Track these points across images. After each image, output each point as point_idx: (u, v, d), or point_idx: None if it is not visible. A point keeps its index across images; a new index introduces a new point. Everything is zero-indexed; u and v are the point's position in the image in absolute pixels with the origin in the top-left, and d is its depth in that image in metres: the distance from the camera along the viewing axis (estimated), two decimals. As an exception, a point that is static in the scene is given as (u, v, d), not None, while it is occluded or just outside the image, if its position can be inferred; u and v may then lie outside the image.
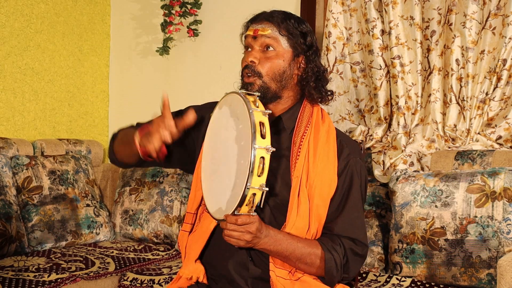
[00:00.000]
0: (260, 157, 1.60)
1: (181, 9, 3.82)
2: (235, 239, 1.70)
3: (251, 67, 1.87)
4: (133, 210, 3.58)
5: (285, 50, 1.89)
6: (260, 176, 1.60)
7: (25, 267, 2.82)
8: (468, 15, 3.01)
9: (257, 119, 1.62)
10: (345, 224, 1.87)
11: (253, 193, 1.61)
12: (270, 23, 1.89)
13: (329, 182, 1.86)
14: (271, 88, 1.89)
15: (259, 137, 1.60)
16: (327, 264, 1.81)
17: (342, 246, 1.84)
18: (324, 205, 1.85)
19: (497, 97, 3.00)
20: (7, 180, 3.16)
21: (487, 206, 2.59)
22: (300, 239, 1.81)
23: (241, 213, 1.65)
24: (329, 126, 1.93)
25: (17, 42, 3.61)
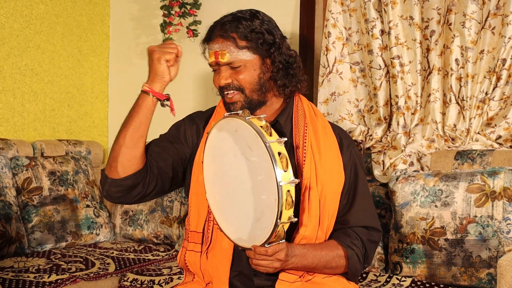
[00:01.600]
0: (287, 190, 1.56)
1: (180, 10, 3.82)
2: (263, 268, 1.70)
3: (228, 86, 1.87)
4: (133, 210, 3.58)
5: (251, 60, 1.87)
6: (288, 209, 1.58)
7: (25, 268, 2.82)
8: (467, 14, 3.01)
9: (275, 150, 1.57)
10: (358, 215, 1.90)
11: (282, 225, 1.60)
12: (225, 40, 1.86)
13: (338, 177, 1.88)
14: (253, 99, 1.88)
15: (281, 171, 1.56)
16: (350, 260, 1.85)
17: (359, 239, 1.88)
18: (336, 201, 1.87)
19: (497, 96, 3.00)
20: (7, 181, 3.16)
21: (487, 205, 2.59)
22: (322, 247, 1.83)
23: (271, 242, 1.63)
24: (322, 120, 1.95)
25: (16, 43, 3.60)
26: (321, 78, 3.41)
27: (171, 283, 2.69)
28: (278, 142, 1.59)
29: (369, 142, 3.26)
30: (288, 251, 1.72)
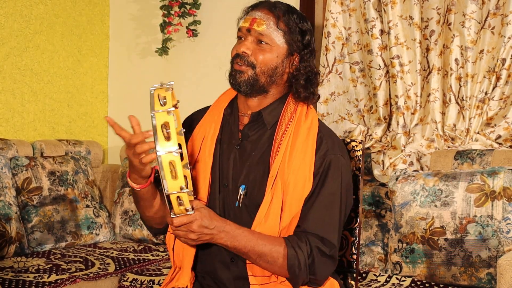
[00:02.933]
0: (169, 161, 1.55)
1: (180, 10, 3.82)
2: (183, 239, 1.69)
3: (244, 57, 1.83)
4: (133, 210, 3.58)
5: (279, 46, 1.83)
6: (176, 179, 1.56)
7: (25, 268, 2.82)
8: (467, 14, 3.01)
9: (159, 121, 1.56)
10: (313, 221, 1.78)
11: (177, 196, 1.59)
12: (270, 14, 1.83)
13: (304, 181, 1.79)
14: (260, 80, 1.84)
15: (162, 141, 1.55)
16: (289, 261, 1.74)
17: (307, 244, 1.75)
18: (298, 204, 1.79)
19: (496, 96, 3.01)
20: (6, 181, 3.16)
21: (487, 205, 2.59)
22: (262, 236, 1.75)
23: (177, 214, 1.63)
24: (311, 122, 1.86)
25: (16, 43, 3.60)
26: (320, 78, 3.41)
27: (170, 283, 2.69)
28: (167, 112, 1.57)
29: (369, 142, 3.26)
30: (206, 223, 1.67)
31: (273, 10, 1.84)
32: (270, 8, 1.85)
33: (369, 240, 2.96)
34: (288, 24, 1.83)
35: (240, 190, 1.83)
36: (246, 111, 1.91)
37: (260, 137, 1.88)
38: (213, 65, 3.90)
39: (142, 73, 4.16)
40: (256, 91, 1.85)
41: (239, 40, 1.88)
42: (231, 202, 1.84)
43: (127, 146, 1.70)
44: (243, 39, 1.86)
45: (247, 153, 1.87)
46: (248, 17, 1.85)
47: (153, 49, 4.00)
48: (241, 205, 1.83)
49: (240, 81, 1.83)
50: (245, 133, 1.89)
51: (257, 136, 1.88)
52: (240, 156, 1.87)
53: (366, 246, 2.95)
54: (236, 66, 1.84)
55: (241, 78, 1.83)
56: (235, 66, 1.85)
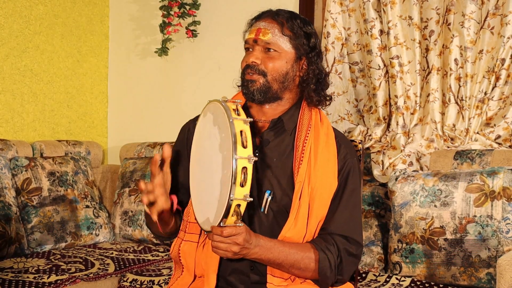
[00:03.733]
0: (242, 167, 1.57)
1: (179, 10, 3.82)
2: (223, 251, 1.68)
3: (254, 66, 1.85)
4: (133, 211, 3.58)
5: (287, 52, 1.86)
6: (244, 186, 1.58)
7: (25, 269, 2.82)
8: (466, 14, 3.02)
9: (238, 128, 1.59)
10: (339, 222, 1.84)
11: (238, 204, 1.59)
12: (274, 22, 1.86)
13: (330, 185, 1.84)
14: (272, 88, 1.86)
15: (240, 147, 1.57)
16: (320, 263, 1.79)
17: (335, 246, 1.82)
18: (324, 208, 1.84)
19: (496, 96, 3.01)
20: (6, 181, 3.16)
21: (486, 205, 2.59)
22: (292, 245, 1.79)
23: (227, 224, 1.62)
24: (327, 128, 1.91)
25: (16, 43, 3.61)
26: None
27: (171, 283, 2.69)
28: (244, 121, 1.61)
29: (369, 142, 3.26)
30: (248, 237, 1.69)
31: (276, 18, 1.87)
32: (273, 16, 1.88)
33: (369, 240, 2.96)
34: (292, 30, 1.86)
35: (265, 196, 1.85)
36: (261, 117, 1.93)
37: (281, 142, 1.90)
38: (213, 66, 3.90)
39: (142, 74, 4.17)
40: (269, 98, 1.88)
41: (247, 51, 1.90)
42: (255, 208, 1.85)
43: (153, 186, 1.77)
44: (251, 50, 1.88)
45: (269, 158, 1.89)
46: (253, 28, 1.88)
47: (153, 49, 4.00)
48: (267, 210, 1.85)
49: (253, 90, 1.86)
50: (265, 139, 1.91)
51: (277, 142, 1.90)
52: (261, 163, 1.88)
53: (365, 246, 2.95)
54: (247, 76, 1.87)
55: (254, 87, 1.85)
56: (246, 76, 1.87)
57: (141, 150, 3.85)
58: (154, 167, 1.76)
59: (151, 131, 4.13)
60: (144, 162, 3.67)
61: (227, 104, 1.64)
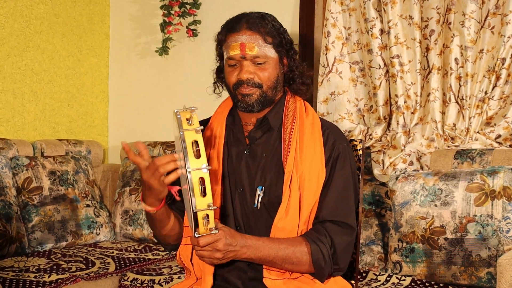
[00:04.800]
0: (199, 178, 1.57)
1: (180, 9, 3.82)
2: (208, 259, 1.70)
3: (250, 81, 1.86)
4: (133, 210, 3.58)
5: (273, 58, 1.89)
6: (204, 196, 1.58)
7: (26, 268, 2.82)
8: (467, 14, 3.02)
9: (189, 139, 1.58)
10: (329, 208, 1.85)
11: (205, 214, 1.60)
12: (254, 33, 1.86)
13: (317, 173, 1.85)
14: (268, 96, 1.89)
15: (192, 158, 1.57)
16: (313, 256, 1.80)
17: (327, 235, 1.82)
18: (314, 196, 1.85)
19: (496, 96, 3.01)
20: (7, 180, 3.17)
21: (487, 205, 2.59)
22: (282, 240, 1.80)
23: (201, 234, 1.63)
24: (313, 117, 1.94)
25: (16, 43, 3.61)
26: (320, 77, 3.41)
27: (171, 282, 2.70)
28: (195, 131, 1.60)
29: (369, 141, 3.26)
30: (230, 241, 1.70)
31: (254, 27, 1.87)
32: (250, 27, 1.87)
33: (369, 239, 2.96)
34: (272, 35, 1.88)
35: (258, 191, 1.87)
36: (249, 119, 1.96)
37: (268, 139, 1.93)
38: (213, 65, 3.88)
39: (142, 73, 4.17)
40: (267, 103, 1.91)
41: (233, 67, 1.89)
42: (248, 204, 1.89)
43: (143, 170, 1.71)
44: (238, 66, 1.88)
45: (258, 155, 1.92)
46: (235, 43, 1.86)
47: (153, 49, 4.01)
48: (260, 205, 1.87)
49: (252, 103, 1.88)
50: (252, 137, 1.94)
51: (264, 139, 1.93)
52: (252, 160, 1.92)
53: (366, 246, 2.95)
54: (243, 90, 1.87)
55: (252, 100, 1.88)
56: (242, 91, 1.88)
57: (142, 149, 3.85)
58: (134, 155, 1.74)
59: (151, 130, 4.13)
60: (145, 161, 3.67)
61: (181, 114, 1.63)
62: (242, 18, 1.91)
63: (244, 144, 1.95)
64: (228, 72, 1.91)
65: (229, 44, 1.88)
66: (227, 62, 1.90)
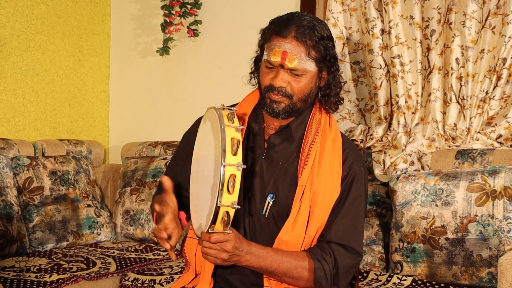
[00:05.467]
0: (230, 174, 1.58)
1: (181, 9, 3.82)
2: (212, 257, 1.69)
3: (281, 90, 1.82)
4: (134, 210, 3.58)
5: (312, 72, 1.84)
6: (231, 193, 1.58)
7: (26, 268, 2.83)
8: (467, 14, 3.01)
9: (229, 135, 1.59)
10: (338, 231, 1.82)
11: (226, 211, 1.60)
12: (299, 44, 1.80)
13: (332, 191, 1.83)
14: (297, 107, 1.86)
15: (229, 154, 1.58)
16: (316, 273, 1.78)
17: (332, 256, 1.80)
18: (325, 213, 1.83)
19: (497, 96, 3.01)
20: (8, 180, 3.17)
21: (488, 205, 2.59)
22: (286, 253, 1.79)
23: (216, 231, 1.63)
24: (335, 134, 1.90)
25: (17, 43, 3.61)
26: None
27: (172, 282, 2.70)
28: (236, 129, 1.61)
29: (370, 141, 3.26)
30: (238, 245, 1.69)
31: (301, 39, 1.80)
32: (297, 37, 1.81)
33: (370, 239, 2.96)
34: (318, 50, 1.82)
35: (268, 199, 1.85)
36: (272, 123, 1.93)
37: (287, 147, 1.91)
38: (214, 65, 3.90)
39: (143, 73, 4.17)
40: (294, 113, 1.88)
41: (269, 69, 1.85)
42: (257, 211, 1.86)
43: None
44: (274, 70, 1.84)
45: (274, 162, 1.89)
46: (278, 49, 1.81)
47: (154, 48, 4.01)
48: (268, 214, 1.85)
49: (278, 110, 1.85)
50: (271, 143, 1.91)
51: (283, 146, 1.91)
52: (267, 166, 1.89)
53: (367, 246, 2.95)
54: (273, 97, 1.84)
55: (279, 108, 1.85)
56: (272, 96, 1.85)
57: (143, 149, 3.86)
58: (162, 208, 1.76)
59: (152, 130, 4.13)
60: (146, 161, 3.67)
61: (222, 112, 1.65)
62: (292, 22, 1.83)
63: (262, 148, 1.92)
64: (264, 72, 1.86)
65: (272, 47, 1.82)
66: (265, 63, 1.85)
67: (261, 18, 3.72)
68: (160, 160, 3.63)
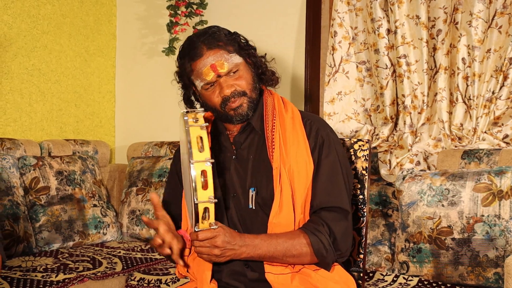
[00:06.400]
0: (201, 170, 1.62)
1: (186, 10, 3.83)
2: (206, 255, 1.74)
3: (234, 92, 1.90)
4: (140, 210, 3.59)
5: (241, 63, 1.93)
6: (206, 189, 1.62)
7: (33, 267, 2.83)
8: (474, 13, 3.01)
9: (193, 134, 1.65)
10: (321, 195, 1.88)
11: (205, 207, 1.64)
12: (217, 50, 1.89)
13: (305, 164, 1.88)
14: (254, 98, 1.94)
15: (196, 151, 1.63)
16: (314, 247, 1.82)
17: (324, 224, 1.84)
18: (306, 187, 1.87)
19: (504, 95, 3.00)
20: (14, 180, 3.18)
21: (494, 205, 2.59)
22: (279, 235, 1.82)
23: (201, 228, 1.67)
24: (292, 112, 1.97)
25: (24, 43, 3.62)
26: (327, 77, 3.41)
27: (178, 282, 2.70)
28: (200, 127, 1.67)
29: (376, 141, 3.25)
30: (229, 239, 1.73)
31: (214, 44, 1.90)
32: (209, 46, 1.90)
33: (376, 239, 2.96)
34: (230, 43, 1.92)
35: (250, 192, 1.91)
36: (233, 128, 2.01)
37: (252, 141, 1.98)
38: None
39: (149, 73, 4.17)
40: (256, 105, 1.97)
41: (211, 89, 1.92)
42: (244, 206, 1.92)
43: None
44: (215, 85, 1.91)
45: (245, 158, 1.96)
46: (205, 69, 1.89)
47: (160, 49, 4.01)
48: (254, 206, 1.90)
49: (245, 112, 1.93)
50: (237, 142, 1.99)
51: (249, 141, 1.98)
52: (240, 164, 1.96)
53: (373, 246, 2.95)
54: (232, 105, 1.91)
55: (244, 109, 1.92)
56: (231, 105, 1.91)
57: (148, 149, 3.86)
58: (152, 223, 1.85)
59: (158, 130, 4.14)
60: (151, 161, 3.68)
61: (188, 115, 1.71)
62: (196, 42, 1.92)
63: (231, 150, 1.99)
64: (208, 95, 1.93)
65: (200, 72, 1.90)
66: (204, 88, 1.93)
67: (266, 18, 3.74)
68: (166, 160, 3.64)
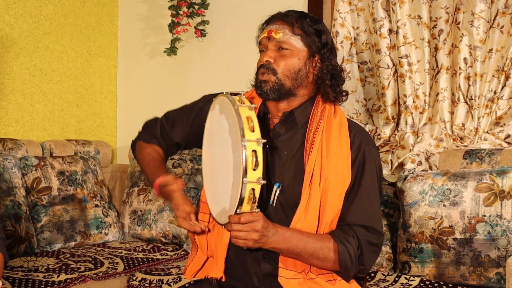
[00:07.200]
0: (252, 150, 1.60)
1: (188, 10, 3.83)
2: (243, 240, 1.68)
3: (266, 65, 1.89)
4: (142, 210, 3.59)
5: (299, 49, 1.89)
6: (256, 169, 1.60)
7: (35, 268, 2.84)
8: (476, 13, 3.01)
9: (243, 114, 1.63)
10: (357, 213, 1.84)
11: (252, 188, 1.60)
12: (284, 23, 1.90)
13: (343, 175, 1.84)
14: (285, 85, 1.89)
15: (247, 131, 1.61)
16: (340, 256, 1.79)
17: (355, 237, 1.81)
18: (339, 199, 1.83)
19: (506, 95, 3.00)
20: (16, 181, 3.18)
21: (496, 205, 2.58)
22: (310, 235, 1.79)
23: (244, 211, 1.63)
24: (341, 118, 1.92)
25: (25, 43, 3.62)
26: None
27: (180, 282, 2.70)
28: (249, 108, 1.66)
29: (377, 141, 3.25)
30: (267, 225, 1.69)
31: (285, 19, 1.91)
32: (282, 18, 1.92)
33: (378, 239, 2.96)
34: (303, 28, 1.90)
35: (274, 188, 1.86)
36: (276, 113, 1.96)
37: (292, 136, 1.92)
38: (221, 65, 3.90)
39: (151, 73, 4.18)
40: (283, 95, 1.91)
41: (262, 53, 1.94)
42: (263, 200, 1.86)
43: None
44: (265, 51, 1.92)
45: (279, 151, 1.91)
46: (265, 30, 1.92)
47: (162, 49, 4.01)
48: (276, 203, 1.85)
49: (266, 90, 1.89)
50: (276, 132, 1.93)
51: (288, 135, 1.93)
52: (272, 155, 1.91)
53: (374, 246, 2.95)
54: (260, 76, 1.90)
55: (267, 87, 1.89)
56: (259, 76, 1.91)
57: (150, 149, 3.86)
58: None
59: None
60: (153, 162, 3.68)
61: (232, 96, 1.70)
62: (280, 12, 1.96)
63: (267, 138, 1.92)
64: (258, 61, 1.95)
65: (261, 33, 1.95)
66: (259, 49, 1.95)
67: (268, 18, 3.74)
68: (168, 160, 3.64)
